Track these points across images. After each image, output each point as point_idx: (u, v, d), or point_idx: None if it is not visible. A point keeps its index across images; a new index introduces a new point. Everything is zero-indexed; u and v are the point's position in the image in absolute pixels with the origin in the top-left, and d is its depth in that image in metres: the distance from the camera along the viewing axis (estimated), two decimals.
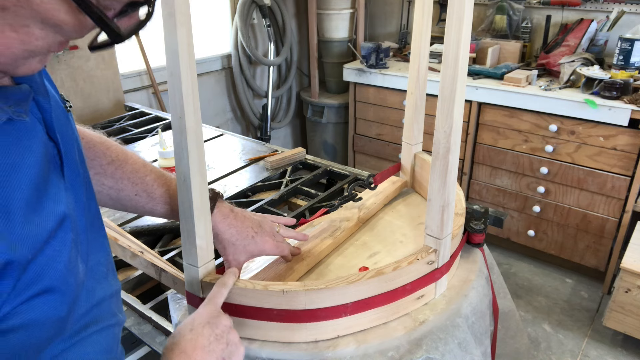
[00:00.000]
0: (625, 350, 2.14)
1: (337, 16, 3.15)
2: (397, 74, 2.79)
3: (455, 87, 0.77)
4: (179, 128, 0.70)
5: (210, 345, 0.65)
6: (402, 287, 0.87)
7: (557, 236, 2.56)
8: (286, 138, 3.76)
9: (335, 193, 1.43)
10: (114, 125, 2.04)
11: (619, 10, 2.48)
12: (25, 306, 0.46)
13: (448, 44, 0.76)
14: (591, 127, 2.26)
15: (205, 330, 0.66)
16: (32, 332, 0.48)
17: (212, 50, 3.03)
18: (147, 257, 0.99)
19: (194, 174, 0.73)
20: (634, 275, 1.96)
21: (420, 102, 1.15)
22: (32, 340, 0.48)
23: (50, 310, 0.49)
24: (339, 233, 1.05)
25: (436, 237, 0.89)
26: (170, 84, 0.68)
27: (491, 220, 1.19)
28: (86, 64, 2.21)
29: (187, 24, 0.65)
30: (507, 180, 2.63)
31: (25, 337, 0.47)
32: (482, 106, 2.55)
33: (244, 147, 1.81)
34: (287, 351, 0.83)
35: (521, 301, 2.45)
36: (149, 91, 2.66)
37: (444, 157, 0.83)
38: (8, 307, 0.44)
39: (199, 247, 0.78)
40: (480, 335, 0.95)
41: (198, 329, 0.66)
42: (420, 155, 1.22)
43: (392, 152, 3.02)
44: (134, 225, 1.27)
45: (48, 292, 0.48)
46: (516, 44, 2.71)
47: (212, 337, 0.65)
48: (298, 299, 0.80)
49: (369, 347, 0.83)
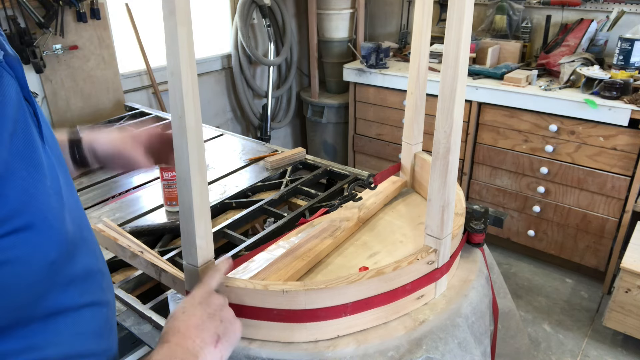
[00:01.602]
0: (625, 350, 2.14)
1: (337, 16, 3.15)
2: (397, 74, 2.79)
3: (455, 87, 0.77)
4: (179, 127, 0.70)
5: (204, 323, 0.66)
6: (402, 287, 0.87)
7: (557, 236, 2.56)
8: (286, 138, 3.76)
9: (335, 193, 1.43)
10: (114, 125, 2.04)
11: (619, 10, 2.48)
12: (6, 241, 0.46)
13: (448, 44, 0.76)
14: (591, 127, 2.26)
15: (198, 310, 0.67)
16: (20, 270, 0.48)
17: (212, 50, 3.03)
18: (147, 257, 0.99)
19: (194, 173, 0.73)
20: (634, 275, 1.96)
21: (420, 102, 1.15)
22: (22, 280, 0.49)
23: (34, 249, 0.49)
24: (339, 233, 1.05)
25: (436, 237, 0.89)
26: (171, 83, 0.68)
27: (491, 220, 1.19)
28: (86, 64, 2.21)
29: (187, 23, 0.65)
30: (507, 180, 2.63)
31: (13, 275, 0.48)
32: (482, 106, 2.55)
33: (244, 147, 1.81)
34: (287, 351, 0.83)
35: (521, 301, 2.45)
36: (149, 91, 2.66)
37: (444, 157, 0.83)
38: None
39: (199, 247, 0.78)
40: (480, 335, 0.95)
41: (190, 310, 0.67)
42: (420, 155, 1.22)
43: (392, 152, 3.02)
44: (134, 225, 1.27)
45: (29, 228, 0.48)
46: (516, 44, 2.71)
47: (204, 316, 0.67)
48: (298, 298, 0.80)
49: (369, 347, 0.83)
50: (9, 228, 0.47)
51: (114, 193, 1.47)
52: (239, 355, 0.83)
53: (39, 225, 0.50)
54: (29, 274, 0.50)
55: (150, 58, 2.52)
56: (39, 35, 2.01)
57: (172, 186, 1.33)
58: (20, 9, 1.95)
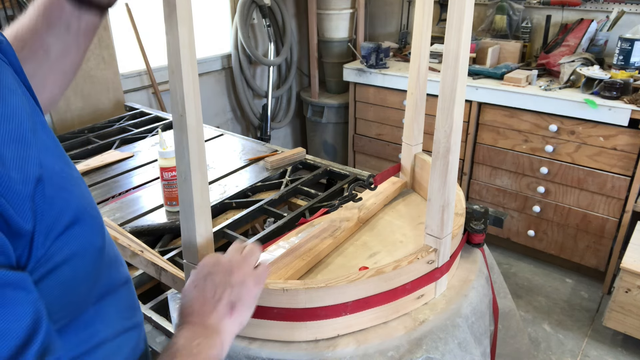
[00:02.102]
0: (625, 350, 2.14)
1: (337, 16, 3.15)
2: (397, 74, 2.79)
3: (455, 87, 0.77)
4: (180, 126, 0.70)
5: (216, 295, 0.66)
6: (402, 287, 0.87)
7: (557, 236, 2.56)
8: (286, 138, 3.76)
9: (335, 193, 1.43)
10: (114, 125, 2.04)
11: (619, 10, 2.48)
12: (59, 242, 0.47)
13: (448, 44, 0.76)
14: (591, 127, 2.26)
15: (207, 283, 0.67)
16: (77, 265, 0.50)
17: (212, 50, 3.03)
18: (147, 256, 0.99)
19: (195, 171, 0.73)
20: (634, 275, 1.96)
21: (420, 102, 1.15)
22: (80, 274, 0.51)
23: (85, 241, 0.51)
24: (339, 233, 1.05)
25: (436, 236, 0.89)
26: (172, 81, 0.68)
27: (491, 220, 1.19)
28: (86, 64, 2.21)
29: (188, 22, 0.65)
30: (507, 180, 2.63)
31: (73, 271, 0.50)
32: (482, 106, 2.55)
33: (244, 147, 1.81)
34: (287, 351, 0.83)
35: (521, 301, 2.45)
36: (149, 91, 2.66)
37: (444, 157, 0.83)
38: (43, 250, 0.46)
39: (199, 246, 0.78)
40: (480, 335, 0.95)
41: (201, 284, 0.68)
42: (420, 156, 1.22)
43: (392, 152, 3.02)
44: (134, 225, 1.27)
45: (74, 224, 0.50)
46: (516, 44, 2.71)
47: (215, 287, 0.67)
48: (298, 297, 0.80)
49: (369, 347, 0.83)
50: (60, 228, 0.48)
51: (114, 193, 1.47)
52: (239, 355, 0.83)
53: (82, 217, 0.51)
54: (85, 266, 0.52)
55: (150, 58, 2.52)
56: None
57: (172, 186, 1.33)
58: (20, 9, 1.96)
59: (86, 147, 1.79)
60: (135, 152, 1.76)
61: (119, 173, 1.60)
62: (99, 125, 2.03)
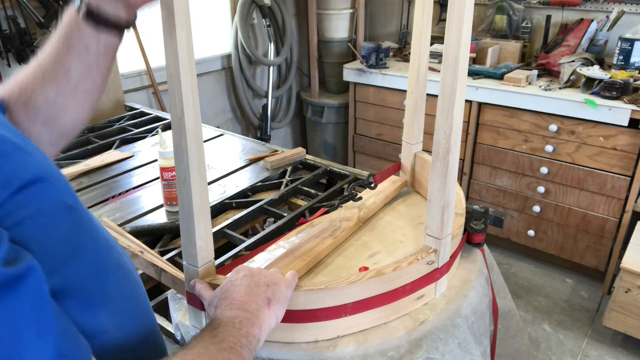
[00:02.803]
0: (625, 350, 2.14)
1: (337, 16, 3.15)
2: (397, 74, 2.79)
3: (455, 87, 0.77)
4: (179, 129, 0.70)
5: (253, 291, 0.72)
6: (402, 287, 0.87)
7: (557, 236, 2.56)
8: (286, 138, 3.76)
9: (335, 193, 1.43)
10: (114, 125, 2.04)
11: (619, 10, 2.48)
12: (20, 196, 0.49)
13: (448, 44, 0.76)
14: (591, 127, 2.26)
15: (244, 281, 0.73)
16: (45, 222, 0.51)
17: (212, 50, 3.03)
18: (147, 257, 0.99)
19: (194, 174, 0.73)
20: (634, 275, 1.96)
21: (420, 101, 1.15)
22: (52, 231, 0.52)
23: (49, 199, 0.53)
24: (339, 233, 1.05)
25: (436, 237, 0.89)
26: (170, 85, 0.68)
27: (491, 220, 1.19)
28: None
29: (186, 25, 0.65)
30: (507, 180, 2.63)
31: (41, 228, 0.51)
32: (482, 106, 2.55)
33: (244, 147, 1.81)
34: (287, 351, 0.83)
35: (521, 301, 2.45)
36: (149, 91, 2.66)
37: (444, 157, 0.83)
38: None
39: (199, 247, 0.78)
40: (480, 335, 0.95)
41: (237, 281, 0.73)
42: (420, 154, 1.22)
43: (392, 152, 3.02)
44: (134, 225, 1.27)
45: (36, 182, 0.51)
46: (516, 44, 2.71)
47: (252, 284, 0.73)
48: (298, 299, 0.80)
49: (369, 347, 0.83)
50: (18, 183, 0.49)
51: (114, 193, 1.47)
52: None
53: (46, 177, 0.53)
54: (54, 224, 0.53)
55: (150, 58, 2.52)
56: (39, 35, 2.01)
57: (172, 186, 1.33)
58: (20, 9, 1.95)
59: (86, 147, 1.79)
60: (135, 152, 1.76)
61: (119, 173, 1.60)
62: (99, 125, 2.03)
